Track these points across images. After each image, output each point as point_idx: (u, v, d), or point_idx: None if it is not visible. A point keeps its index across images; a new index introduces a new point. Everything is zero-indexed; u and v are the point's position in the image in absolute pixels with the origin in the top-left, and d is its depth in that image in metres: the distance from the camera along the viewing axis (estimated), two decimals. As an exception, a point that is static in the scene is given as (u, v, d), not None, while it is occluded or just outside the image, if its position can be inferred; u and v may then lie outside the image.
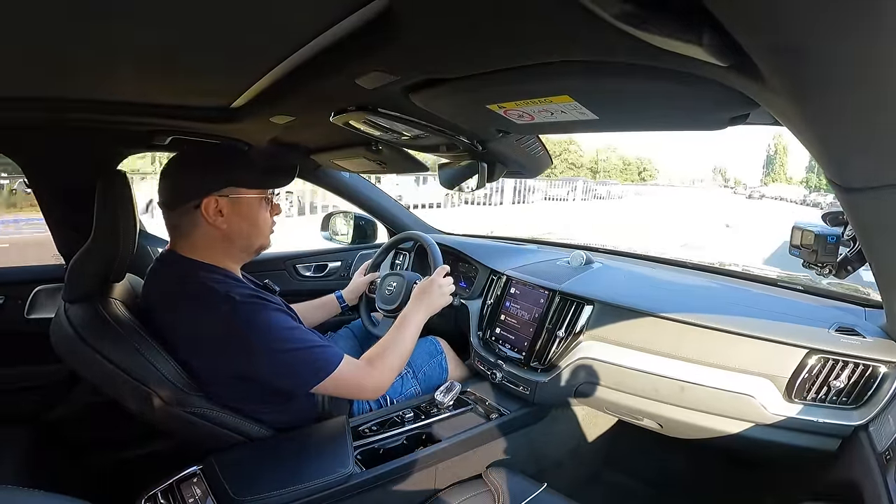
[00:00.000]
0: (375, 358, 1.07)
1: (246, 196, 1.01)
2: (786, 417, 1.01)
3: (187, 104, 1.06)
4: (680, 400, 1.13)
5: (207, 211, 0.97)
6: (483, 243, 1.93)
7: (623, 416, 1.33)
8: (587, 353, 1.27)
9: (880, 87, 0.38)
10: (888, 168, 0.50)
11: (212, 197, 0.97)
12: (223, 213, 0.98)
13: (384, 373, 1.07)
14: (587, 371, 1.27)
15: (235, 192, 0.99)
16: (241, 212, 1.01)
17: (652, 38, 0.40)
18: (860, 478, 0.84)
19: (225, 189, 0.98)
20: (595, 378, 1.26)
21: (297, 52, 0.67)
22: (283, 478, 0.94)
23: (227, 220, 0.99)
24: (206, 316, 0.92)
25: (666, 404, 1.16)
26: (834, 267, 1.00)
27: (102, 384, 0.94)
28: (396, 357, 1.11)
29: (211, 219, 0.97)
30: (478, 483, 1.21)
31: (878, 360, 0.96)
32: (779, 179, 62.02)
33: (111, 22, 0.57)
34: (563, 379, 1.30)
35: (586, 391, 1.28)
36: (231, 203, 0.99)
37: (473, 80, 0.66)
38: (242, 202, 1.01)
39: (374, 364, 1.06)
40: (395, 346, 1.12)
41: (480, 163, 1.14)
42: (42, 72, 0.79)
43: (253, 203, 1.02)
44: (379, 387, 1.07)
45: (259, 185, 1.03)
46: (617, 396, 1.23)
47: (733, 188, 60.96)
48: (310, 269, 2.03)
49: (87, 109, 1.02)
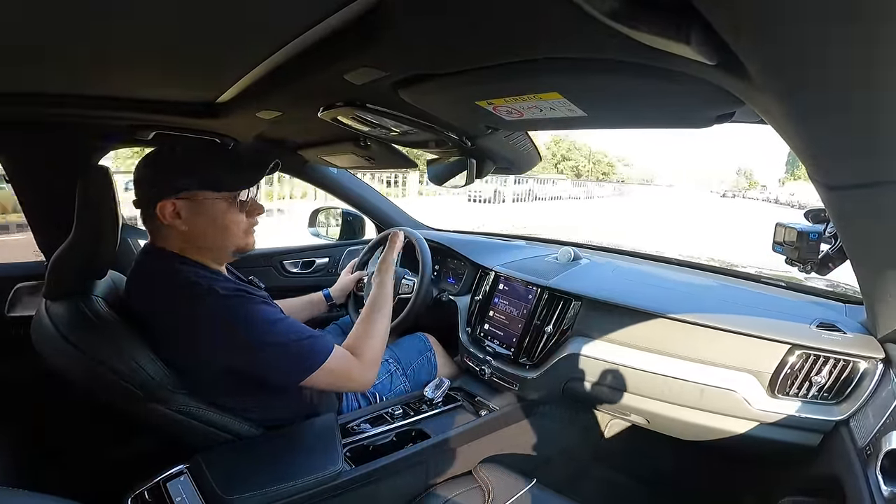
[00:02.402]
0: (357, 347, 1.07)
1: (205, 199, 0.96)
2: (769, 413, 1.03)
3: (172, 99, 1.04)
4: (666, 395, 1.15)
5: (163, 214, 0.94)
6: (471, 239, 1.93)
7: (611, 412, 1.34)
8: (575, 349, 1.28)
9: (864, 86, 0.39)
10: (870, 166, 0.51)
11: (166, 201, 0.93)
12: (181, 215, 0.95)
13: (371, 362, 1.07)
14: (575, 367, 1.27)
15: (193, 195, 0.95)
16: (204, 213, 0.96)
17: (641, 36, 0.40)
18: (842, 472, 0.85)
19: (182, 192, 0.94)
20: (583, 374, 1.27)
21: (285, 47, 0.66)
22: (272, 475, 0.94)
23: (187, 223, 0.95)
24: (190, 310, 0.91)
25: (652, 400, 1.17)
26: (815, 264, 1.02)
27: (86, 382, 0.92)
28: (378, 340, 1.11)
29: (167, 221, 0.94)
30: (468, 479, 1.21)
31: (858, 356, 0.98)
32: (803, 177, 62.11)
33: (95, 16, 0.56)
34: (552, 375, 1.31)
35: (575, 387, 1.29)
36: (189, 205, 0.95)
37: (463, 77, 0.66)
38: (203, 204, 0.96)
39: (359, 353, 1.06)
40: (374, 330, 1.12)
41: (469, 159, 1.14)
42: (22, 67, 0.77)
43: (216, 205, 0.97)
44: (368, 377, 1.07)
45: (221, 188, 0.97)
46: (605, 392, 1.24)
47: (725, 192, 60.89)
48: (297, 266, 2.01)
49: (69, 104, 1.00)
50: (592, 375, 1.26)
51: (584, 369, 1.26)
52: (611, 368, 1.22)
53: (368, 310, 1.17)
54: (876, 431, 0.82)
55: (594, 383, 1.26)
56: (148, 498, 0.89)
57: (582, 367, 1.27)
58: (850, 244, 0.76)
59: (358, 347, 1.07)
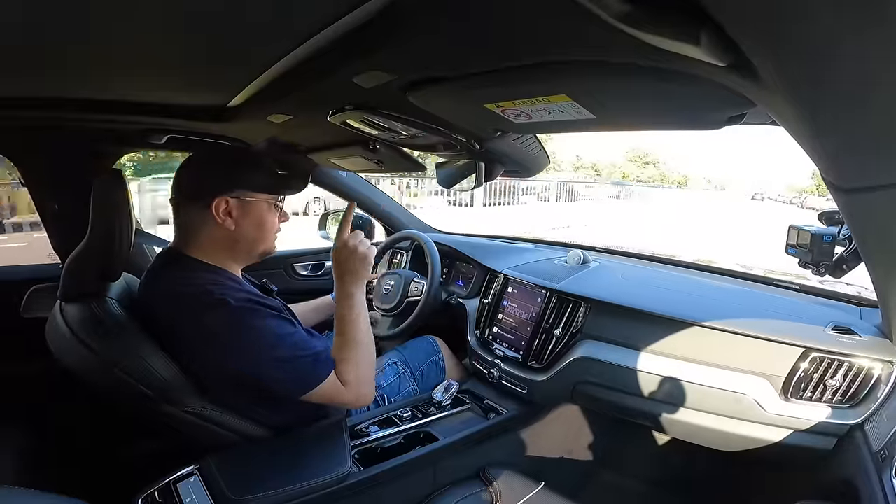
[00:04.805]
0: (345, 372, 1.00)
1: (256, 200, 1.01)
2: (782, 416, 1.02)
3: (183, 103, 1.05)
4: (677, 399, 1.14)
5: (217, 211, 0.97)
6: (480, 242, 1.93)
7: (620, 416, 1.33)
8: (584, 352, 1.27)
9: (878, 87, 0.38)
10: (884, 168, 0.51)
11: (222, 197, 0.97)
12: (232, 214, 0.98)
13: (361, 385, 1.01)
14: (584, 370, 1.27)
15: (246, 194, 0.99)
16: (251, 215, 1.01)
17: (650, 38, 0.40)
18: (856, 477, 0.84)
19: (236, 191, 0.98)
20: (592, 377, 1.26)
21: (295, 50, 0.66)
22: (281, 477, 0.94)
23: (236, 222, 0.99)
24: (199, 317, 0.92)
25: (663, 403, 1.16)
26: (829, 266, 1.00)
27: (98, 383, 0.94)
28: (364, 359, 1.03)
29: (220, 219, 0.97)
30: (475, 482, 1.21)
31: (873, 359, 0.97)
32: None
33: (107, 21, 0.56)
34: (561, 378, 1.30)
35: (584, 390, 1.28)
36: (241, 205, 0.99)
37: (471, 80, 0.66)
38: (252, 205, 1.01)
39: (347, 379, 0.99)
40: (355, 349, 1.03)
41: (478, 162, 1.14)
42: (38, 72, 0.79)
43: (262, 207, 1.02)
44: (361, 398, 1.03)
45: (270, 190, 1.03)
46: (614, 396, 1.23)
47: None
48: (307, 269, 2.03)
49: (83, 109, 1.02)
50: (601, 379, 1.25)
51: (593, 373, 1.26)
52: (620, 372, 1.21)
53: (339, 322, 1.06)
54: (891, 435, 0.81)
55: (603, 387, 1.25)
56: (158, 498, 0.90)
57: (591, 370, 1.26)
58: (864, 247, 0.75)
59: (341, 373, 1.00)
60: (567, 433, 1.53)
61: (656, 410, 1.18)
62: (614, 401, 1.24)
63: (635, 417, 1.27)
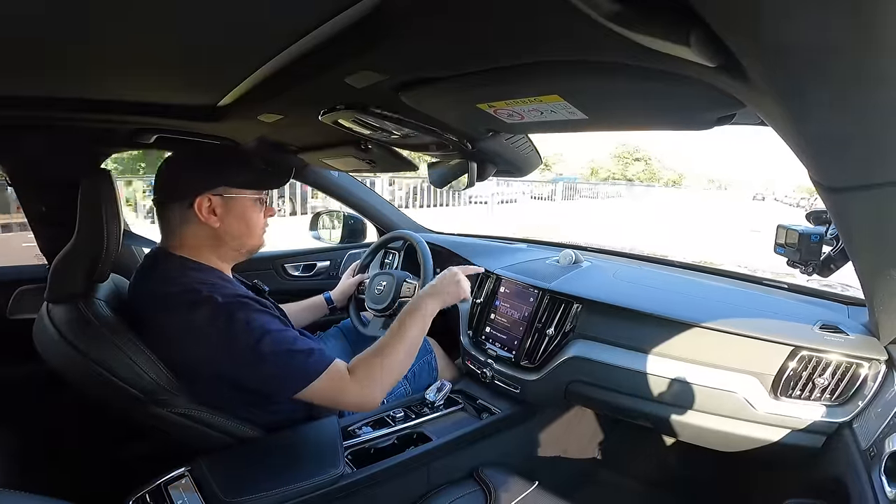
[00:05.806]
0: (360, 369, 0.98)
1: (240, 196, 1.01)
2: (772, 414, 1.03)
3: (173, 102, 1.04)
4: (668, 398, 1.14)
5: (200, 209, 0.97)
6: (473, 242, 1.93)
7: (613, 415, 1.34)
8: (576, 351, 1.28)
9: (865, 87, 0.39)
10: (871, 168, 0.51)
11: (205, 195, 0.97)
12: (216, 212, 0.98)
13: (366, 388, 0.97)
14: (577, 369, 1.27)
15: (229, 191, 0.99)
16: (235, 211, 1.01)
17: (640, 39, 0.40)
18: (845, 475, 0.85)
19: (219, 188, 0.98)
20: (585, 376, 1.27)
21: (286, 50, 0.66)
22: (274, 478, 0.93)
23: (220, 219, 0.99)
24: (187, 315, 0.91)
25: (655, 402, 1.17)
26: (817, 265, 1.01)
27: (87, 385, 0.93)
28: (392, 365, 1.01)
29: (204, 217, 0.97)
30: (469, 482, 1.21)
31: (861, 358, 0.98)
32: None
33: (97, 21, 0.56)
34: (554, 377, 1.31)
35: (576, 389, 1.29)
36: (224, 202, 0.99)
37: (463, 80, 0.66)
38: (236, 202, 1.01)
39: (358, 377, 0.97)
40: (388, 353, 1.01)
41: (470, 162, 1.14)
42: (25, 71, 0.77)
43: (247, 203, 1.03)
44: (362, 403, 0.99)
45: (254, 186, 1.03)
46: (607, 395, 1.24)
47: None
48: (298, 269, 2.01)
49: (71, 108, 1.01)
50: (594, 378, 1.25)
51: (586, 372, 1.26)
52: (612, 371, 1.21)
53: (390, 333, 1.06)
54: (879, 433, 0.82)
55: (596, 386, 1.25)
56: (149, 500, 0.89)
57: (583, 369, 1.26)
58: (851, 245, 0.76)
59: (359, 368, 0.98)
60: (560, 433, 1.53)
61: (648, 409, 1.19)
62: (607, 400, 1.25)
63: (628, 416, 1.27)
